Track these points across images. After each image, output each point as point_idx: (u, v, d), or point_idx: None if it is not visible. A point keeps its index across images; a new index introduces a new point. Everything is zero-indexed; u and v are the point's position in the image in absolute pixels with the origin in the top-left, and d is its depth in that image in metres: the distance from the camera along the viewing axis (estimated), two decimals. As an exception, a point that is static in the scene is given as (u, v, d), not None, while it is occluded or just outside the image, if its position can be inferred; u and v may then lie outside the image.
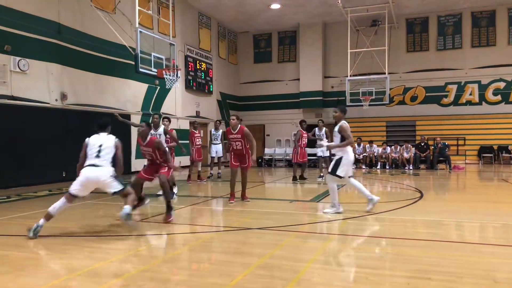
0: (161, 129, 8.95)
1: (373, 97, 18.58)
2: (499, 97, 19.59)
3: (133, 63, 11.94)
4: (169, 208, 6.20)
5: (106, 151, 5.40)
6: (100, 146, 5.41)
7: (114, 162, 5.47)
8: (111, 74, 14.20)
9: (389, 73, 18.59)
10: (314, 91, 21.83)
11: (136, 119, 14.65)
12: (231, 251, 4.59)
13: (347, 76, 19.01)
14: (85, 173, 5.27)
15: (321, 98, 21.86)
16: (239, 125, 7.99)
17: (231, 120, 7.98)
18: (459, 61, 20.00)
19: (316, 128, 12.62)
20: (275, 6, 19.26)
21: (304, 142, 12.25)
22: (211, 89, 20.31)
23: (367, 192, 6.83)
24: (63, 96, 12.29)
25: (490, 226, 6.00)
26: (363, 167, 17.73)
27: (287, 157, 19.57)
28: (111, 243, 5.01)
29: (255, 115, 23.31)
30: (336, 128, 6.70)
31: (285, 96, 22.69)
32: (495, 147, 18.84)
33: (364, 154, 18.11)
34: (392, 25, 19.89)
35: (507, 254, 4.44)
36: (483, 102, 19.79)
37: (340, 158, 6.60)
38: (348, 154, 6.64)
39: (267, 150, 21.05)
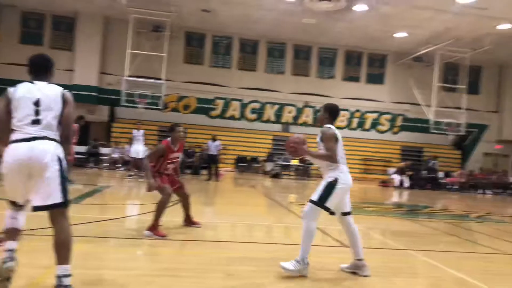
0: None
1: (149, 100, 19.02)
2: (255, 116, 22.89)
3: None
4: None
5: (48, 113, 3.23)
6: (37, 103, 3.20)
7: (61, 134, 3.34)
8: None
9: (165, 80, 19.38)
10: (89, 85, 20.72)
11: None
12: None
13: (125, 76, 18.88)
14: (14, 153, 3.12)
15: (96, 94, 20.96)
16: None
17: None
18: (227, 79, 22.41)
19: None
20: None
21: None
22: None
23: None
24: None
25: (234, 225, 7.02)
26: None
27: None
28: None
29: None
30: (319, 136, 4.38)
31: (55, 86, 20.77)
32: (248, 158, 21.89)
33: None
34: (173, 34, 20.76)
35: (241, 249, 5.22)
36: (243, 119, 22.75)
37: (335, 181, 4.18)
38: (346, 175, 4.27)
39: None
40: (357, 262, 4.29)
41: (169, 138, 5.80)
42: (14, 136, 3.15)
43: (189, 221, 6.31)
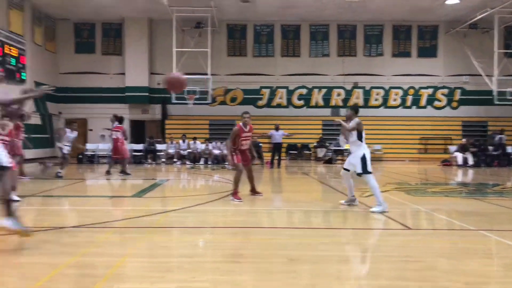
0: None
1: (197, 96, 19.33)
2: (302, 102, 22.54)
3: None
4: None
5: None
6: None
7: None
8: None
9: (211, 74, 19.56)
10: (140, 86, 21.47)
11: None
12: (39, 252, 4.26)
13: (174, 74, 19.23)
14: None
15: (147, 94, 21.64)
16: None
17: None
18: (272, 68, 22.23)
19: None
20: (97, -5, 18.25)
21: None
22: (23, 77, 18.10)
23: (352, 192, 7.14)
24: None
25: (291, 212, 6.95)
26: (188, 162, 18.30)
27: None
28: None
29: (77, 108, 21.68)
30: (350, 125, 6.87)
31: (109, 90, 21.68)
32: (299, 145, 21.65)
33: (189, 150, 18.73)
34: (214, 29, 20.88)
35: (301, 235, 5.18)
36: (290, 106, 22.50)
37: (364, 155, 6.75)
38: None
39: (89, 146, 19.90)
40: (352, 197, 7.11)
41: (241, 122, 7.78)
42: None
43: (254, 191, 8.20)
